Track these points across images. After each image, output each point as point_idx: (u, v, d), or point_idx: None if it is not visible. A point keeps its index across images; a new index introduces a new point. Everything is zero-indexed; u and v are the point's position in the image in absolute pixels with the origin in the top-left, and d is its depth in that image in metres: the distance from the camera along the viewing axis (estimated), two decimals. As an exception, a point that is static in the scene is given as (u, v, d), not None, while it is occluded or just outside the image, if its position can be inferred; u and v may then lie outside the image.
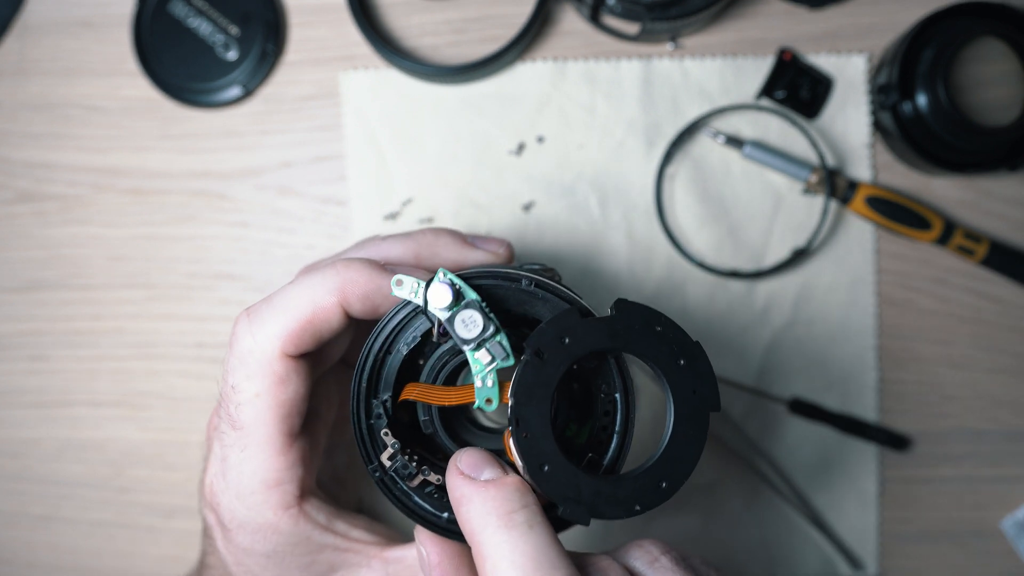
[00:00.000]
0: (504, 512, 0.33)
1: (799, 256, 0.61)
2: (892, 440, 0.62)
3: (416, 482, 0.37)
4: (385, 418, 0.37)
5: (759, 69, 0.62)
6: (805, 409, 0.62)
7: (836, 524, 0.63)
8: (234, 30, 0.63)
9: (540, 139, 0.62)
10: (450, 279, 0.35)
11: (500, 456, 0.37)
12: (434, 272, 0.36)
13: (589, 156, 0.62)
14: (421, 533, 0.38)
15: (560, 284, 0.40)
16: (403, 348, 0.37)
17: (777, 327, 0.62)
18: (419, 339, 0.37)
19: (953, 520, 0.63)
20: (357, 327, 0.42)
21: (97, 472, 0.66)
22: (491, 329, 0.34)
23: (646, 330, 0.34)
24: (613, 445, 0.37)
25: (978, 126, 0.57)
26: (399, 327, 0.37)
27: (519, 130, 0.62)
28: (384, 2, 0.63)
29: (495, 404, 0.35)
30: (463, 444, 0.39)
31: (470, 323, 0.34)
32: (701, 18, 0.59)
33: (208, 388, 0.65)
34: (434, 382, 0.38)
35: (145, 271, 0.65)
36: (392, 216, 0.63)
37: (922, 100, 0.57)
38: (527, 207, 0.63)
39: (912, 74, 0.57)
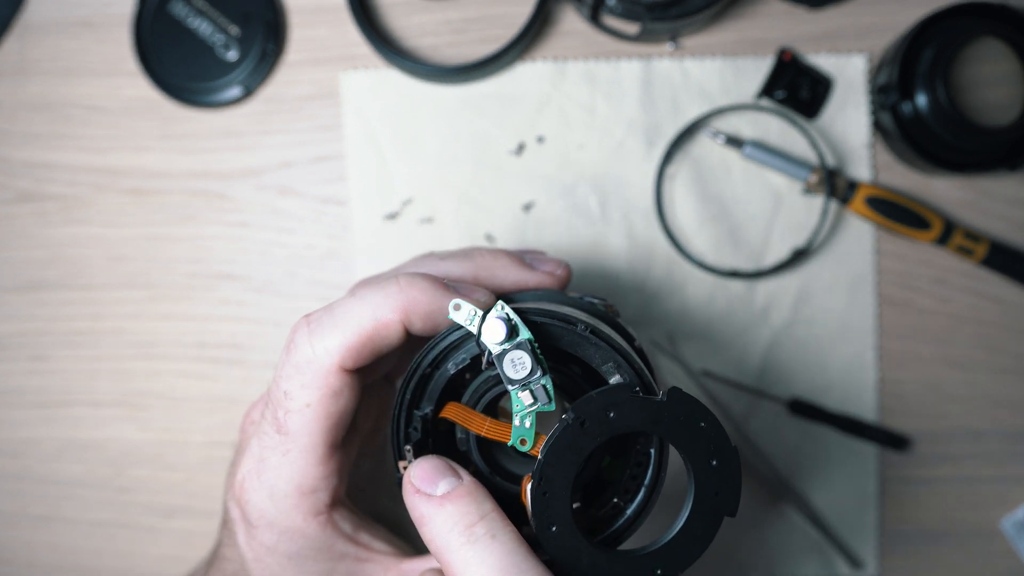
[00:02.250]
0: (464, 527, 0.34)
1: (799, 256, 0.61)
2: (892, 440, 0.62)
3: None
4: (418, 434, 0.37)
5: (759, 69, 0.62)
6: (805, 409, 0.62)
7: (836, 524, 0.63)
8: (234, 30, 0.63)
9: (540, 139, 0.62)
10: (507, 313, 0.35)
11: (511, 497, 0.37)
12: (492, 298, 0.36)
13: (589, 156, 0.62)
14: None
15: (618, 321, 0.40)
16: (451, 367, 0.37)
17: (777, 327, 0.62)
18: (468, 361, 0.37)
19: (953, 520, 0.63)
20: (409, 343, 0.42)
21: (97, 472, 0.66)
22: (538, 372, 0.35)
23: (690, 423, 0.34)
24: (638, 499, 0.37)
25: (978, 126, 0.57)
26: (451, 347, 0.37)
27: (519, 130, 0.62)
28: (384, 2, 0.63)
29: (529, 445, 0.35)
30: (496, 466, 0.39)
31: (519, 364, 0.35)
32: (701, 18, 0.59)
33: (208, 388, 0.65)
34: (475, 405, 0.38)
35: (145, 271, 0.65)
36: (392, 216, 0.63)
37: (922, 100, 0.57)
38: (527, 207, 0.63)
39: (912, 74, 0.57)
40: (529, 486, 0.34)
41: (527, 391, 0.35)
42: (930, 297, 0.62)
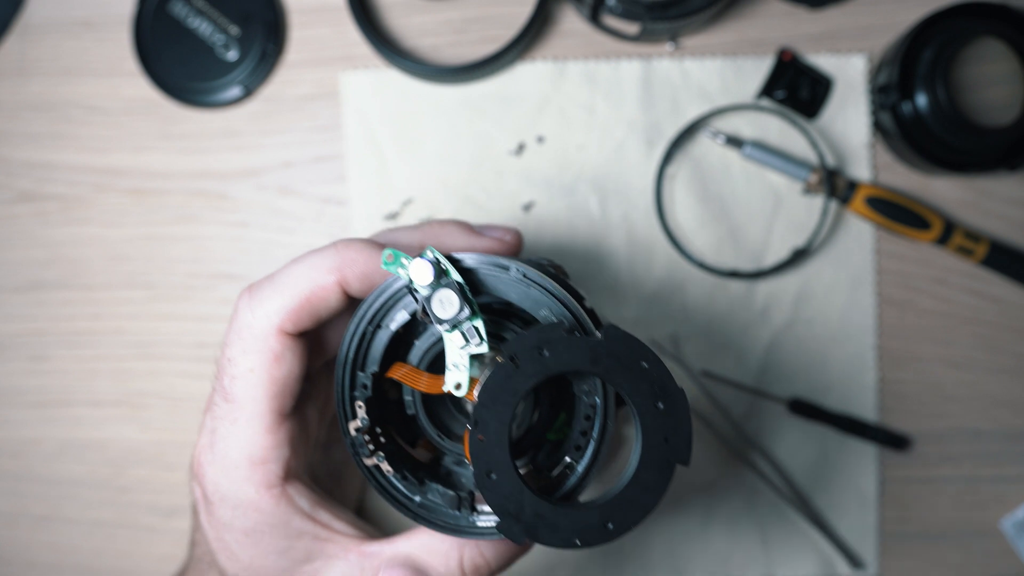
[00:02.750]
0: None
1: (799, 256, 0.61)
2: (892, 440, 0.62)
3: (370, 463, 0.37)
4: (367, 391, 0.37)
5: (759, 69, 0.62)
6: (805, 409, 0.62)
7: (836, 524, 0.63)
8: (234, 30, 0.63)
9: (540, 139, 0.62)
10: (435, 257, 0.35)
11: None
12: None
13: (589, 156, 0.62)
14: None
15: (567, 281, 0.39)
16: (392, 325, 0.37)
17: (777, 327, 0.62)
18: (408, 318, 0.37)
19: (953, 520, 0.63)
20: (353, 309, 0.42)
21: (97, 472, 0.66)
22: (466, 312, 0.34)
23: (631, 363, 0.33)
24: (588, 453, 0.36)
25: (978, 126, 0.57)
26: (390, 303, 0.36)
27: (519, 130, 0.62)
28: (384, 2, 0.63)
29: (464, 390, 0.35)
30: (443, 428, 0.39)
31: (446, 303, 0.34)
32: (701, 18, 0.59)
33: (208, 388, 0.64)
34: (418, 364, 0.38)
35: (145, 271, 0.65)
36: (392, 216, 0.63)
37: (922, 100, 0.57)
38: (527, 207, 0.63)
39: (912, 74, 0.57)
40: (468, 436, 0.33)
41: (457, 332, 0.34)
42: (930, 297, 0.62)
